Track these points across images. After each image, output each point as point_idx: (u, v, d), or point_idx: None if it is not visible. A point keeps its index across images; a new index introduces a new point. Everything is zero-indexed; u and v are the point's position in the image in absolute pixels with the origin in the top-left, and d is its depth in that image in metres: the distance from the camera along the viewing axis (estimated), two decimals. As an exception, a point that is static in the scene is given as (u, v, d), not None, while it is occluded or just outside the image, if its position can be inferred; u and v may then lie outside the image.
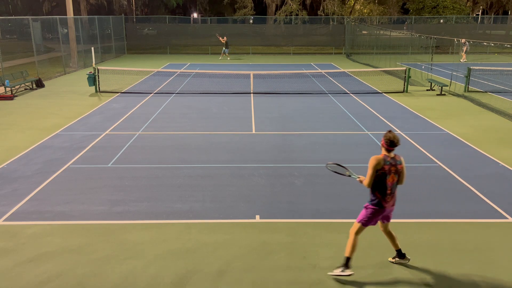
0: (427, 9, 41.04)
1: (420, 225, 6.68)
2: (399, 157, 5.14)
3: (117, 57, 32.79)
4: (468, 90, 17.84)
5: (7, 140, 11.03)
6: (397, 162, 5.08)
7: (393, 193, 5.13)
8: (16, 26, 33.02)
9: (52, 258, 5.74)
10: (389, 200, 5.12)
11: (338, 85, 19.51)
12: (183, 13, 58.20)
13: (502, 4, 52.12)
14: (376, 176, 5.03)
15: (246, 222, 6.78)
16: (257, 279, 5.31)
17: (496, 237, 6.34)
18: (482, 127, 12.43)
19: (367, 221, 5.20)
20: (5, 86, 16.74)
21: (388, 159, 5.03)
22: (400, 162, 5.10)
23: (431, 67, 24.27)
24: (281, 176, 8.63)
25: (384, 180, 5.03)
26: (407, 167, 9.12)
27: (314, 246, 6.05)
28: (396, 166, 5.05)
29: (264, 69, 25.20)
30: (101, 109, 14.67)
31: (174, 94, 17.24)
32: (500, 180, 8.50)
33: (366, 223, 5.21)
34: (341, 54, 36.24)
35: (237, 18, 44.91)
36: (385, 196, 5.08)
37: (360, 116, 13.68)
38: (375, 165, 5.00)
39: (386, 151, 5.07)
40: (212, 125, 12.50)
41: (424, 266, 5.59)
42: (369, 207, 5.19)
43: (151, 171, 8.87)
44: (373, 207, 5.15)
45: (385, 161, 5.01)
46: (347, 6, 48.42)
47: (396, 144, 4.99)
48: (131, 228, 6.57)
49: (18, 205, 7.32)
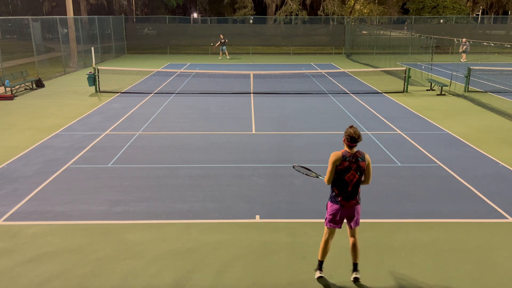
0: (427, 9, 41.04)
1: (420, 225, 6.67)
2: (363, 154, 4.90)
3: (117, 57, 32.79)
4: (468, 90, 17.84)
5: (7, 140, 11.03)
6: (359, 158, 4.86)
7: (355, 192, 4.93)
8: (16, 26, 33.03)
9: (52, 258, 5.74)
10: (350, 199, 4.94)
11: (338, 85, 19.51)
12: (183, 13, 58.23)
13: (502, 4, 52.14)
14: (335, 172, 4.91)
15: (246, 222, 6.78)
16: (257, 279, 5.31)
17: (496, 237, 6.33)
18: (482, 127, 12.43)
19: (329, 220, 5.07)
20: (5, 86, 16.74)
21: (348, 155, 4.87)
22: (362, 159, 4.87)
23: (431, 67, 24.28)
24: (281, 176, 8.64)
25: (343, 177, 4.89)
26: (409, 167, 9.24)
27: (314, 246, 6.04)
28: (358, 163, 4.85)
29: (264, 69, 25.20)
30: (101, 109, 14.67)
31: (174, 94, 17.24)
32: (500, 180, 8.50)
33: (329, 223, 5.08)
34: (341, 54, 36.25)
35: (237, 18, 44.91)
36: (344, 192, 4.92)
37: (360, 116, 13.68)
38: (334, 161, 4.88)
39: (348, 147, 4.89)
40: (212, 125, 12.50)
41: (424, 266, 5.59)
42: (329, 204, 5.08)
43: (151, 171, 8.87)
44: (332, 203, 5.03)
45: (344, 157, 4.86)
46: (347, 6, 48.42)
47: (356, 140, 4.80)
48: (131, 228, 6.57)
49: (18, 205, 7.32)
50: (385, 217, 6.91)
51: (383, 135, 11.52)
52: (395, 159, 9.65)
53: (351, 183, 4.90)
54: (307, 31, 40.67)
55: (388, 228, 6.56)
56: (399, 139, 11.16)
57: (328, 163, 4.95)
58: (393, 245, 6.10)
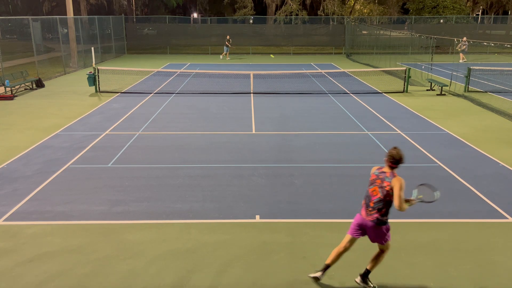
0: (427, 9, 41.03)
1: (420, 225, 6.68)
2: (392, 175, 4.74)
3: (117, 57, 32.79)
4: (468, 90, 17.84)
5: (7, 140, 11.03)
6: (385, 178, 4.77)
7: (374, 210, 4.83)
8: (16, 26, 33.00)
9: (52, 258, 5.74)
10: (367, 214, 4.89)
11: (338, 85, 19.51)
12: (183, 13, 58.21)
13: (502, 4, 52.12)
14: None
15: (246, 222, 6.78)
16: (257, 279, 5.31)
17: (496, 237, 6.34)
18: (482, 127, 12.43)
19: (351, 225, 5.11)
20: (5, 86, 16.74)
21: (379, 170, 4.90)
22: (388, 179, 4.74)
23: (431, 67, 24.28)
24: (281, 176, 8.64)
25: (367, 188, 4.95)
26: (407, 167, 9.23)
27: (314, 246, 6.06)
28: (383, 181, 4.77)
29: (264, 69, 25.20)
30: (101, 109, 14.67)
31: (174, 94, 17.24)
32: (500, 180, 8.50)
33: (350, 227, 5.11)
34: (341, 54, 36.25)
35: (237, 18, 44.89)
36: (366, 204, 4.92)
37: (360, 116, 13.68)
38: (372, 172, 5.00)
39: (388, 167, 4.85)
40: (212, 125, 12.50)
41: (424, 266, 5.59)
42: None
43: (151, 171, 8.87)
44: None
45: (376, 170, 4.94)
46: (347, 6, 48.41)
47: (398, 161, 4.74)
48: (131, 228, 6.57)
49: (18, 205, 7.32)
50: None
51: (383, 135, 11.52)
52: (395, 159, 9.63)
53: (372, 198, 4.85)
54: (307, 31, 40.66)
55: (388, 228, 6.56)
56: (399, 139, 11.16)
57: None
58: (393, 245, 6.08)
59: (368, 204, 4.91)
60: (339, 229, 6.50)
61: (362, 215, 4.97)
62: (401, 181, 4.68)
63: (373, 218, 4.85)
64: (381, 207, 4.80)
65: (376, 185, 4.83)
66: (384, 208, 4.82)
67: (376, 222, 4.85)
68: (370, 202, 4.88)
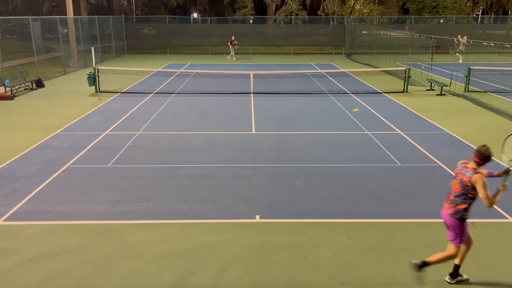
0: (427, 9, 41.05)
1: (420, 225, 6.67)
2: (473, 172, 4.79)
3: (117, 57, 32.80)
4: (468, 90, 17.84)
5: (7, 140, 11.03)
6: (466, 173, 4.83)
7: (453, 202, 4.93)
8: (16, 26, 32.99)
9: (52, 258, 5.74)
10: (448, 205, 5.00)
11: (338, 85, 19.51)
12: (183, 13, 58.20)
13: (502, 4, 52.12)
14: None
15: (246, 222, 6.78)
16: (257, 279, 5.31)
17: (496, 237, 6.34)
18: (482, 127, 12.43)
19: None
20: (5, 86, 16.74)
21: (462, 165, 4.97)
22: (468, 174, 4.80)
23: (431, 67, 24.28)
24: (281, 176, 8.64)
25: (450, 182, 5.07)
26: (409, 167, 9.24)
27: (314, 246, 6.05)
28: (463, 175, 4.84)
29: (264, 69, 25.20)
30: (101, 109, 14.67)
31: (174, 94, 17.24)
32: (500, 180, 8.46)
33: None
34: (341, 54, 36.25)
35: (237, 18, 44.89)
36: (447, 197, 5.06)
37: (360, 116, 13.68)
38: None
39: (475, 164, 4.87)
40: (212, 125, 12.50)
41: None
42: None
43: (151, 171, 8.87)
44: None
45: (460, 164, 5.02)
46: (347, 6, 48.42)
47: (485, 158, 4.78)
48: (131, 228, 6.57)
49: (18, 205, 7.32)
50: (385, 217, 6.91)
51: (383, 135, 11.52)
52: (395, 159, 9.65)
53: (453, 192, 4.96)
54: (307, 31, 40.66)
55: (388, 228, 6.56)
56: (399, 139, 11.16)
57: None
58: (393, 245, 6.10)
59: (448, 198, 5.03)
60: (339, 229, 6.51)
61: (444, 208, 5.07)
62: (482, 179, 4.74)
63: (451, 212, 4.95)
64: (460, 202, 4.89)
65: (457, 179, 4.94)
66: (464, 204, 4.90)
67: (453, 215, 4.93)
68: (450, 195, 5.01)
